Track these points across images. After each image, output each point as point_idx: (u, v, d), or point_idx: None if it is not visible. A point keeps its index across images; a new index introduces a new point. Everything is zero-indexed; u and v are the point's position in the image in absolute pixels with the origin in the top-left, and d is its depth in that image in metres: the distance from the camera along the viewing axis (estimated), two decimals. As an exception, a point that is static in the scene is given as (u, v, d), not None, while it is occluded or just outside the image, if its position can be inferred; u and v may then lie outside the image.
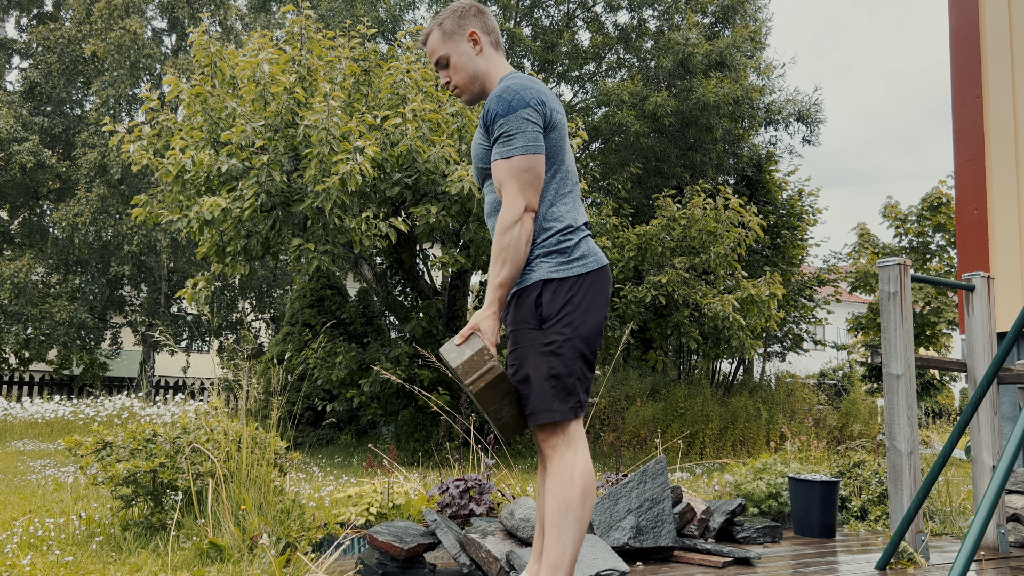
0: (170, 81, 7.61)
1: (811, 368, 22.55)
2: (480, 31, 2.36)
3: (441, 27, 2.36)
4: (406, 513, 3.60)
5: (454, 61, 2.35)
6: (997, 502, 2.25)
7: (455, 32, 2.35)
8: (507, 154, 2.19)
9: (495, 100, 2.22)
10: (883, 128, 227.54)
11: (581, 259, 2.23)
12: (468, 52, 2.35)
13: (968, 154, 5.06)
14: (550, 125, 2.24)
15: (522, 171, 2.18)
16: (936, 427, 17.37)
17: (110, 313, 18.70)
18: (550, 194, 2.26)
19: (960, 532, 4.41)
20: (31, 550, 3.12)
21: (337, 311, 10.74)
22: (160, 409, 10.94)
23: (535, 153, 2.19)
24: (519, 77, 2.27)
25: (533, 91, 2.22)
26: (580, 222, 2.29)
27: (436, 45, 2.38)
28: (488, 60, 2.37)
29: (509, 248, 2.17)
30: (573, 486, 2.16)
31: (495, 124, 2.22)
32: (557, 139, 2.27)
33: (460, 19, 2.36)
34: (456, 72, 2.36)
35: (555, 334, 2.18)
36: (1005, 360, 3.25)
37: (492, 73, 2.36)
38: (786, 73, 55.67)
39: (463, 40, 2.35)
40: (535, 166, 2.19)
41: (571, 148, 2.40)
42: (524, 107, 2.19)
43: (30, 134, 17.30)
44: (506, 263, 2.17)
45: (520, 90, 2.21)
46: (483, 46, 2.36)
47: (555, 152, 2.27)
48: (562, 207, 2.27)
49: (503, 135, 2.20)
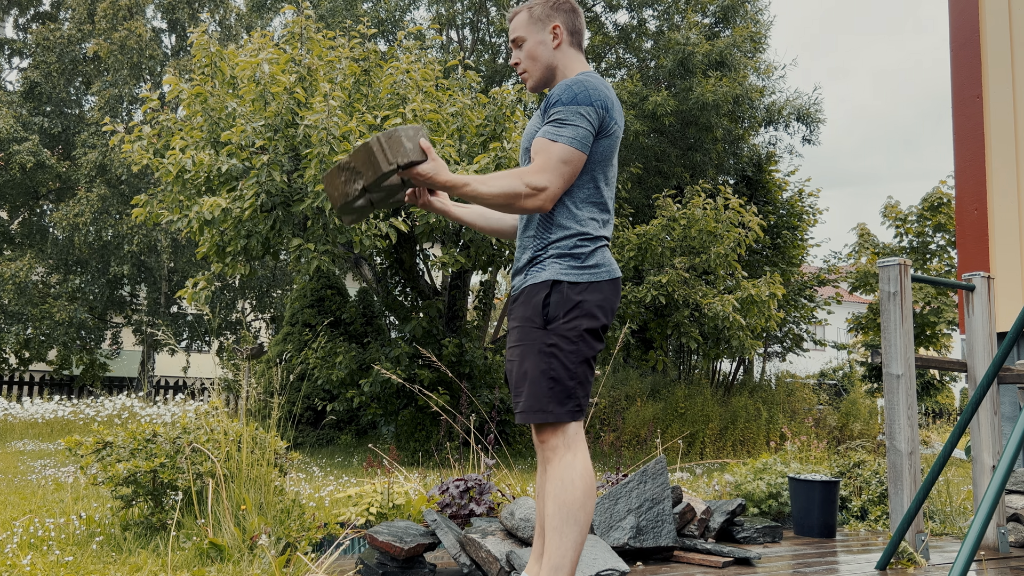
0: (170, 81, 7.61)
1: (811, 368, 22.56)
2: (564, 27, 2.36)
3: (531, 10, 2.37)
4: (406, 513, 3.61)
5: (528, 46, 2.36)
6: (997, 502, 2.25)
7: (541, 20, 2.35)
8: (554, 137, 2.18)
9: (563, 87, 2.22)
10: (880, 129, 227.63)
11: (594, 267, 2.22)
12: (546, 42, 2.35)
13: (968, 154, 5.06)
14: (605, 132, 2.23)
15: (560, 160, 2.17)
16: (936, 427, 17.37)
17: (110, 313, 18.71)
18: (580, 196, 2.25)
19: (960, 532, 4.41)
20: (31, 550, 3.12)
21: (337, 311, 10.74)
22: (160, 409, 10.94)
23: (579, 149, 2.18)
24: (595, 77, 2.26)
25: (601, 93, 2.22)
26: (600, 233, 2.27)
27: (519, 25, 2.38)
28: (564, 55, 2.36)
29: (503, 194, 2.15)
30: (574, 489, 2.16)
31: (553, 108, 2.21)
32: (606, 148, 2.26)
33: (551, 9, 2.36)
34: (528, 57, 2.36)
35: (558, 336, 2.18)
36: (1005, 360, 3.25)
37: (566, 69, 2.36)
38: (786, 74, 55.73)
39: (545, 30, 2.35)
40: (574, 161, 2.18)
41: (616, 165, 2.39)
42: (587, 104, 2.19)
43: (30, 134, 17.30)
44: (492, 192, 2.15)
45: (590, 88, 2.21)
46: (562, 41, 2.35)
47: (600, 160, 2.26)
48: (587, 213, 2.25)
49: (557, 120, 2.19)
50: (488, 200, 2.16)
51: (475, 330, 10.14)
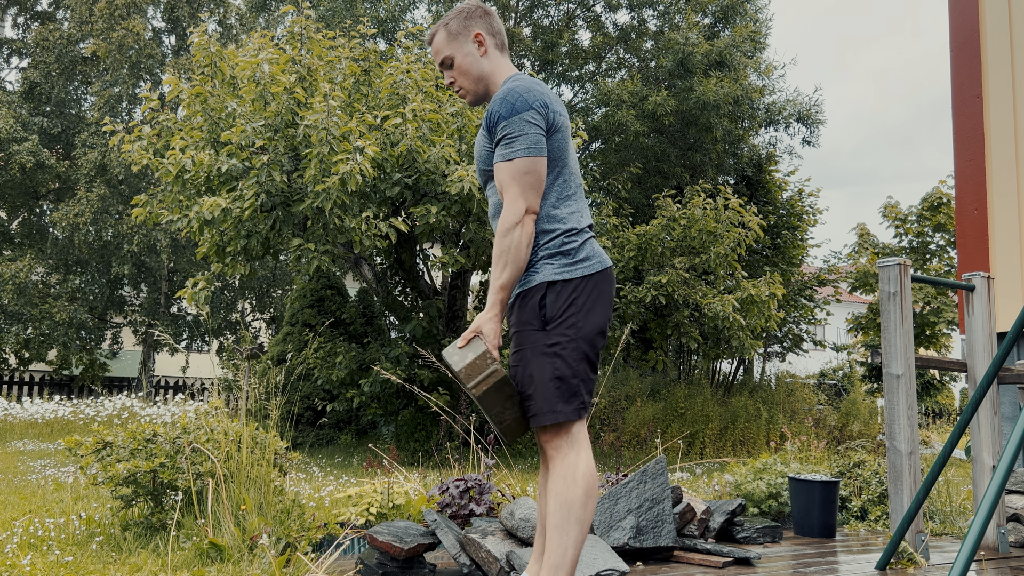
0: (170, 81, 7.61)
1: (811, 368, 22.56)
2: (486, 33, 2.36)
3: (447, 27, 2.37)
4: (406, 513, 3.60)
5: (459, 62, 2.36)
6: (997, 502, 2.25)
7: (460, 33, 2.35)
8: (509, 156, 2.19)
9: (498, 102, 2.22)
10: (878, 129, 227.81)
11: (585, 261, 2.23)
12: (473, 53, 2.35)
13: (968, 154, 5.06)
14: (553, 128, 2.24)
15: (523, 173, 2.18)
16: (936, 427, 17.37)
17: (110, 313, 18.71)
18: (553, 196, 2.26)
19: (960, 532, 4.41)
20: (31, 550, 3.12)
21: (337, 311, 10.74)
22: (160, 409, 10.94)
23: (537, 156, 2.19)
24: (523, 79, 2.27)
25: (536, 93, 2.22)
26: (584, 224, 2.29)
27: (441, 45, 2.38)
28: (493, 62, 2.37)
29: (510, 250, 2.17)
30: (576, 487, 2.16)
31: (498, 126, 2.22)
32: (560, 141, 2.27)
33: (466, 20, 2.36)
34: (460, 73, 2.36)
35: (559, 335, 2.18)
36: (1005, 360, 3.25)
37: (496, 75, 2.37)
38: (786, 74, 55.72)
39: (468, 41, 2.35)
40: (537, 168, 2.20)
41: (575, 150, 2.39)
42: (527, 109, 2.19)
43: (30, 134, 17.30)
44: (507, 265, 2.18)
45: (523, 92, 2.21)
46: (488, 48, 2.36)
47: (558, 155, 2.27)
48: (565, 209, 2.27)
49: (505, 137, 2.20)
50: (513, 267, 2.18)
51: (475, 330, 10.12)
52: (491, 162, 2.30)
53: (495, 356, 2.16)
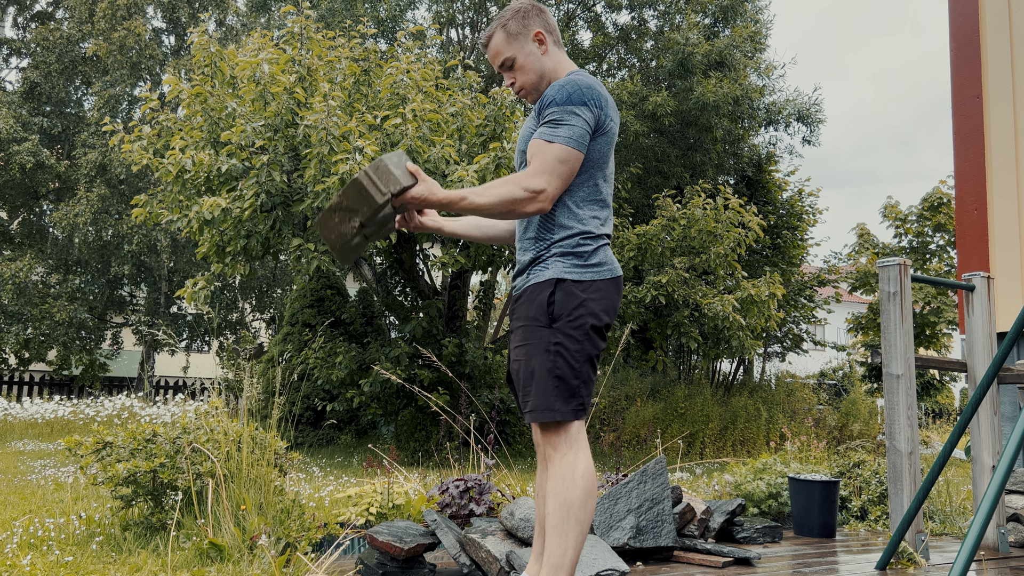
0: (170, 81, 7.61)
1: (811, 368, 22.56)
2: (544, 30, 2.34)
3: (505, 28, 2.33)
4: (406, 513, 3.60)
5: (520, 62, 2.32)
6: (997, 502, 2.25)
7: (520, 33, 2.32)
8: (550, 138, 2.17)
9: (556, 88, 2.21)
10: (876, 130, 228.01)
11: (597, 266, 2.23)
12: (534, 52, 2.32)
13: (968, 154, 5.06)
14: (601, 130, 2.23)
15: (557, 160, 2.15)
16: (936, 427, 17.37)
17: (110, 313, 18.71)
18: (580, 195, 2.24)
19: (960, 532, 4.41)
20: (31, 550, 3.12)
21: (337, 311, 10.74)
22: (160, 409, 10.94)
23: (576, 149, 2.17)
24: (586, 76, 2.25)
25: (595, 92, 2.21)
26: (602, 231, 2.27)
27: (501, 47, 2.33)
28: (553, 58, 2.35)
29: (504, 201, 2.13)
30: (575, 487, 2.16)
31: (548, 108, 2.20)
32: (603, 146, 2.25)
33: (524, 19, 2.33)
34: (523, 73, 2.33)
35: (563, 335, 2.18)
36: (1005, 360, 3.25)
37: (558, 71, 2.35)
38: (786, 74, 55.72)
39: (528, 40, 2.32)
40: (572, 160, 2.17)
41: (614, 161, 2.37)
42: (582, 104, 2.18)
43: (30, 134, 17.30)
44: (489, 203, 2.13)
45: (584, 87, 2.20)
46: (548, 45, 2.34)
47: (598, 158, 2.25)
48: (589, 211, 2.25)
49: (552, 120, 2.18)
50: (487, 210, 2.14)
51: (475, 330, 10.14)
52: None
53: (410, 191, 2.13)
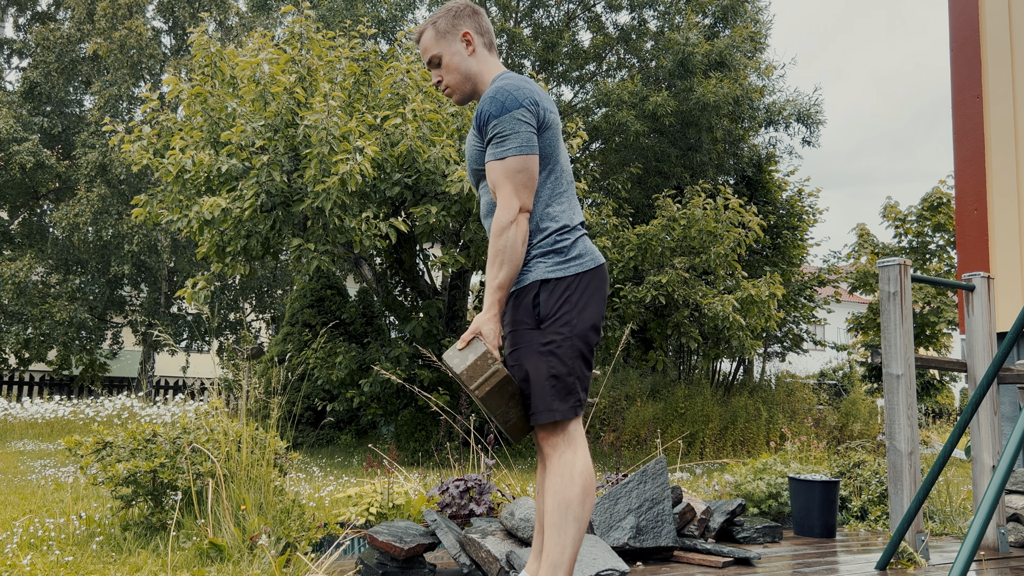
0: (170, 81, 7.61)
1: (811, 368, 22.55)
2: (474, 31, 2.35)
3: (435, 26, 2.36)
4: (406, 513, 3.60)
5: (446, 61, 2.35)
6: (997, 502, 2.25)
7: (448, 32, 2.35)
8: (501, 155, 2.19)
9: (488, 101, 2.22)
10: (875, 130, 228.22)
11: (578, 258, 2.23)
12: (461, 52, 2.35)
13: (968, 154, 5.06)
14: (544, 125, 2.24)
15: (516, 172, 2.18)
16: (936, 427, 17.36)
17: (110, 313, 18.71)
18: (545, 194, 2.26)
19: (960, 532, 4.41)
20: (31, 550, 3.12)
21: (337, 311, 10.74)
22: (160, 409, 10.94)
23: (529, 154, 2.19)
24: (512, 77, 2.26)
25: (526, 91, 2.22)
26: (576, 221, 2.29)
27: (429, 44, 2.37)
28: (481, 61, 2.36)
29: (506, 249, 2.17)
30: (573, 485, 2.16)
31: (488, 125, 2.21)
32: (551, 139, 2.26)
33: (454, 19, 2.35)
34: (448, 72, 2.36)
35: (553, 334, 2.18)
36: (1005, 360, 3.25)
37: (484, 74, 2.36)
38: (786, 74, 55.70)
39: (456, 40, 2.35)
40: (529, 167, 2.19)
41: (565, 147, 2.38)
42: (517, 107, 2.19)
43: (30, 134, 17.30)
44: (504, 264, 2.17)
45: (513, 90, 2.20)
46: (476, 47, 2.35)
47: (549, 152, 2.26)
48: (557, 207, 2.26)
49: (496, 136, 2.20)
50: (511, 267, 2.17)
51: (475, 330, 10.12)
52: (482, 161, 2.30)
53: (496, 356, 2.16)
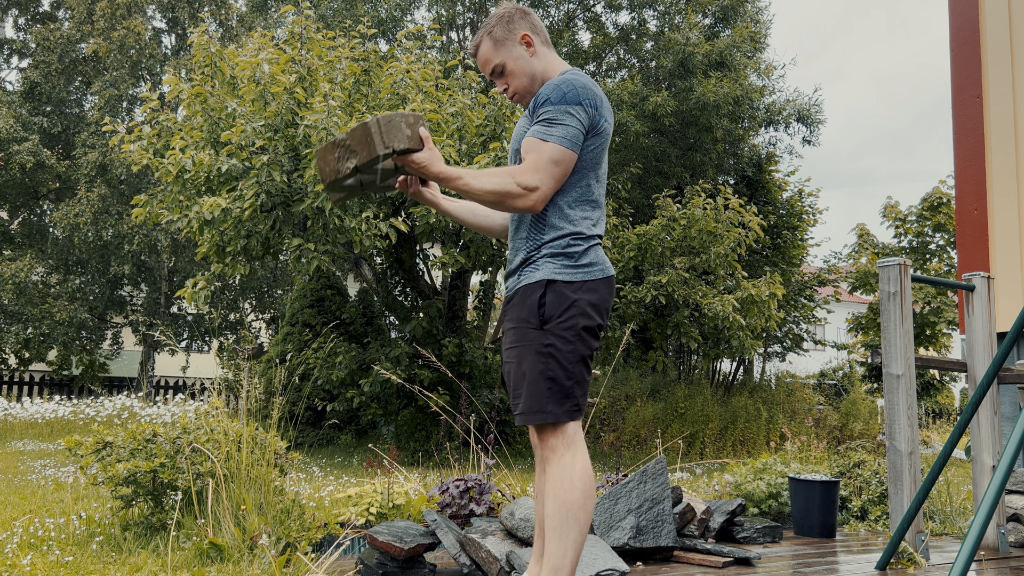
0: (170, 81, 7.61)
1: (811, 368, 22.55)
2: (531, 32, 2.32)
3: (491, 36, 2.31)
4: (406, 513, 3.60)
5: (510, 67, 2.31)
6: (997, 502, 2.25)
7: (507, 38, 2.31)
8: (544, 137, 2.15)
9: (551, 87, 2.19)
10: (874, 130, 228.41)
11: (588, 266, 2.21)
12: (523, 56, 2.31)
13: (968, 154, 5.06)
14: (595, 130, 2.21)
15: (551, 161, 2.14)
16: (936, 427, 17.37)
17: (110, 313, 18.70)
18: (572, 195, 2.23)
19: (960, 532, 4.41)
20: (31, 550, 3.12)
21: (337, 311, 10.74)
22: (160, 409, 10.94)
23: (570, 149, 2.16)
24: (581, 75, 2.23)
25: (590, 92, 2.19)
26: (594, 232, 2.26)
27: (489, 54, 2.32)
28: (543, 59, 2.33)
29: (498, 191, 2.12)
30: (573, 489, 2.15)
31: (542, 107, 2.18)
32: (598, 146, 2.24)
33: (509, 24, 2.31)
34: (514, 77, 2.31)
35: (555, 336, 2.17)
36: (1005, 360, 3.25)
37: (549, 71, 2.33)
38: (786, 74, 55.73)
39: (516, 45, 2.31)
40: (565, 160, 2.16)
41: (607, 162, 2.36)
42: (576, 103, 2.16)
43: (30, 134, 17.30)
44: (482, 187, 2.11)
45: (579, 87, 2.18)
46: (536, 46, 2.32)
47: (592, 159, 2.24)
48: (580, 212, 2.23)
49: (546, 119, 2.16)
50: (479, 196, 2.13)
51: (475, 330, 10.14)
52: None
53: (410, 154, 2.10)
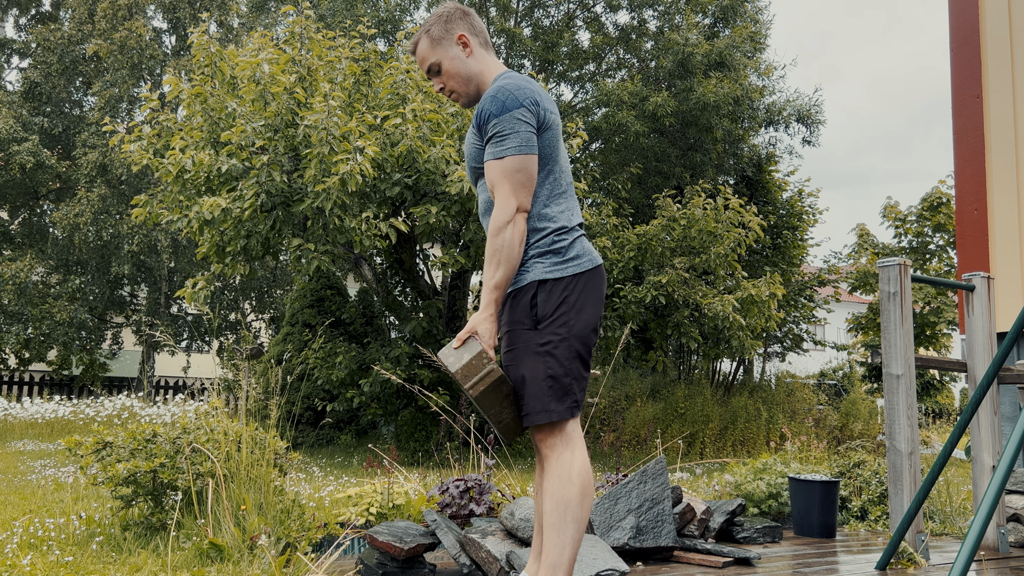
0: (170, 81, 7.61)
1: (811, 368, 22.55)
2: (468, 33, 2.36)
3: (429, 34, 2.36)
4: (406, 513, 3.60)
5: (446, 67, 2.35)
6: (997, 502, 2.25)
7: (443, 37, 2.35)
8: (500, 154, 2.19)
9: (489, 100, 2.22)
10: (872, 131, 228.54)
11: (576, 259, 2.23)
12: (459, 56, 2.35)
13: (968, 154, 5.06)
14: (544, 125, 2.24)
15: (515, 171, 2.18)
16: (936, 427, 17.36)
17: (110, 313, 18.71)
18: (543, 194, 2.26)
19: (960, 532, 4.41)
20: (31, 550, 3.12)
21: (337, 311, 10.74)
22: (160, 409, 10.94)
23: (528, 153, 2.19)
24: (513, 76, 2.26)
25: (527, 91, 2.22)
26: (575, 222, 2.29)
27: (426, 52, 2.37)
28: (480, 61, 2.36)
29: (503, 249, 2.17)
30: (571, 486, 2.16)
31: (488, 124, 2.21)
32: (551, 139, 2.26)
33: (447, 23, 2.35)
34: (449, 77, 2.36)
35: (550, 334, 2.18)
36: (1005, 360, 3.25)
37: (485, 73, 2.36)
38: (786, 75, 55.76)
39: (452, 44, 2.35)
40: (528, 167, 2.19)
41: (565, 148, 2.38)
42: (518, 107, 2.19)
43: (30, 134, 17.30)
44: (500, 264, 2.17)
45: (514, 90, 2.21)
46: (473, 48, 2.35)
47: (549, 152, 2.26)
48: (556, 207, 2.26)
49: (496, 135, 2.20)
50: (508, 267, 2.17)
51: (475, 330, 10.12)
52: (481, 160, 2.30)
53: (491, 356, 2.16)
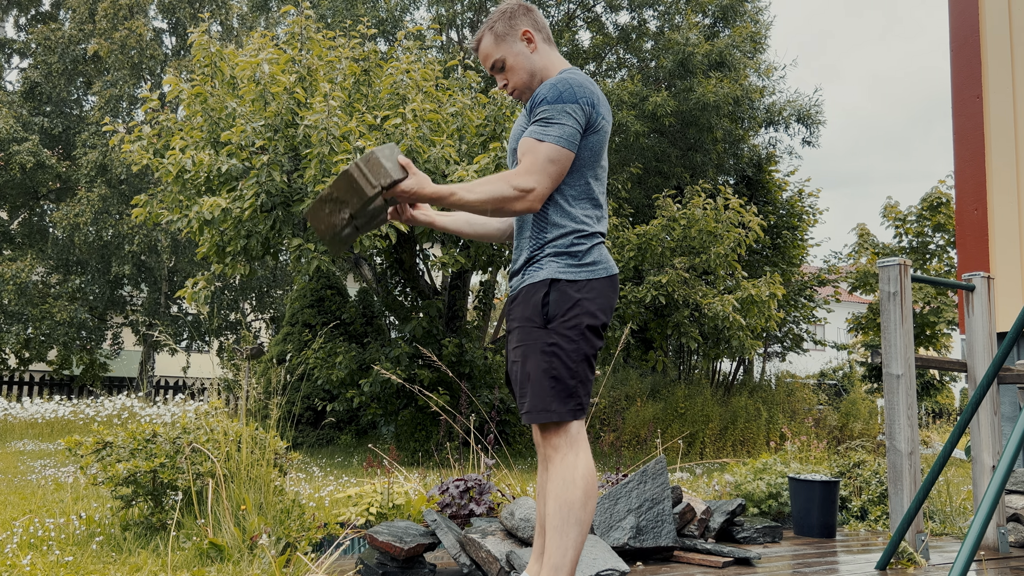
0: (170, 81, 7.61)
1: (811, 368, 22.55)
2: (532, 28, 2.33)
3: (493, 31, 2.33)
4: (406, 513, 3.60)
5: (510, 63, 2.32)
6: (997, 502, 2.25)
7: (508, 34, 2.32)
8: (540, 137, 2.16)
9: (548, 87, 2.20)
10: (872, 131, 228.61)
11: (592, 265, 2.22)
12: (523, 52, 2.32)
13: (968, 154, 5.06)
14: (592, 128, 2.22)
15: (548, 160, 2.15)
16: (936, 427, 17.36)
17: (110, 313, 18.71)
18: (573, 193, 2.23)
19: (960, 532, 4.41)
20: (31, 550, 3.12)
21: (337, 311, 10.74)
22: (160, 409, 10.94)
23: (567, 148, 2.16)
24: (578, 74, 2.24)
25: (587, 89, 2.20)
26: (596, 229, 2.26)
27: (490, 49, 2.33)
28: (544, 56, 2.34)
29: (493, 198, 2.12)
30: (575, 488, 2.15)
31: (539, 107, 2.19)
32: (596, 144, 2.24)
33: (511, 20, 2.32)
34: (513, 73, 2.33)
35: (559, 335, 2.17)
36: (1005, 360, 3.25)
37: (549, 68, 2.34)
38: (786, 75, 55.76)
39: (517, 40, 2.32)
40: (562, 159, 2.17)
41: (607, 159, 2.36)
42: (573, 102, 2.17)
43: (30, 134, 17.30)
44: (477, 199, 2.12)
45: (575, 85, 2.19)
46: (537, 43, 2.33)
47: (591, 156, 2.24)
48: (581, 210, 2.24)
49: (544, 119, 2.17)
50: (476, 207, 2.13)
51: (475, 330, 10.14)
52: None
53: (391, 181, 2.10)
